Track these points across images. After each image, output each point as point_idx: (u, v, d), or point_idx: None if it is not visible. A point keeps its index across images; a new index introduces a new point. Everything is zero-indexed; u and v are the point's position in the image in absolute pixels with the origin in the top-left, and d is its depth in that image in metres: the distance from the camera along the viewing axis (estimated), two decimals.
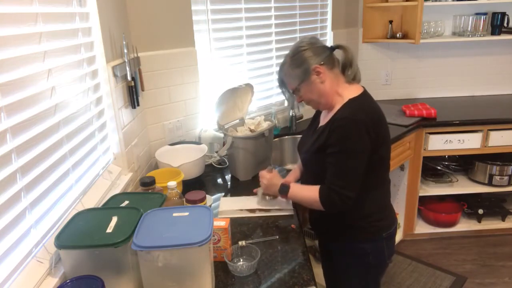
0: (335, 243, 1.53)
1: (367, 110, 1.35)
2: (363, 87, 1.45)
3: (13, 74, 0.94)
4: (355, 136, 1.31)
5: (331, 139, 1.34)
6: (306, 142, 1.52)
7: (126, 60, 1.61)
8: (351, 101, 1.37)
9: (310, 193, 1.41)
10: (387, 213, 1.49)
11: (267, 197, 1.60)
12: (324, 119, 1.47)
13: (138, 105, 1.74)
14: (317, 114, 1.59)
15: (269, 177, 1.56)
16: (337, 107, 1.39)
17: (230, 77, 2.34)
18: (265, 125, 2.05)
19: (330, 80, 1.40)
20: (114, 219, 1.10)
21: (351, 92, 1.40)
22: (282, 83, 1.50)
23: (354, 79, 1.44)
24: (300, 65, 1.40)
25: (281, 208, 1.58)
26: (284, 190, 1.49)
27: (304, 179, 1.60)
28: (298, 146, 1.60)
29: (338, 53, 1.46)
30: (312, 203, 1.41)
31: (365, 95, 1.41)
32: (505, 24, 3.08)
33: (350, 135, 1.31)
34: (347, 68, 1.44)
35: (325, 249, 1.63)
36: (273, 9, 2.49)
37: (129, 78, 1.64)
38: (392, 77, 3.32)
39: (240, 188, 1.86)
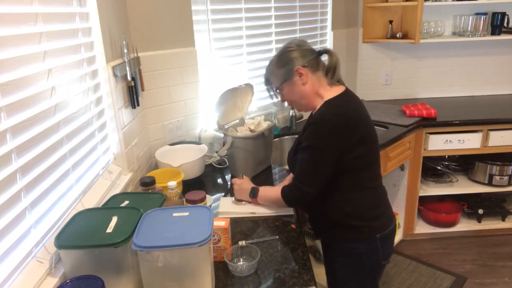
0: (332, 243, 1.53)
1: (340, 111, 1.37)
2: (346, 88, 1.47)
3: (13, 74, 0.94)
4: (322, 135, 1.35)
5: (302, 139, 1.41)
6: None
7: (126, 60, 1.61)
8: (327, 102, 1.41)
9: (275, 191, 1.50)
10: (381, 213, 1.48)
11: (243, 202, 1.63)
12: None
13: (138, 105, 1.74)
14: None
15: (239, 182, 1.64)
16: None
17: (230, 77, 2.34)
18: (265, 125, 2.05)
19: (311, 83, 1.44)
20: (114, 219, 1.10)
21: (331, 94, 1.43)
22: (268, 82, 1.56)
23: (338, 81, 1.48)
24: (285, 65, 1.45)
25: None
26: (253, 193, 1.58)
27: None
28: None
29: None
30: (278, 202, 1.49)
31: (343, 95, 1.43)
32: (505, 24, 3.08)
33: (317, 134, 1.36)
34: (331, 72, 1.47)
35: (325, 248, 1.63)
36: (273, 9, 2.49)
37: (129, 78, 1.64)
38: (392, 77, 3.32)
39: None
